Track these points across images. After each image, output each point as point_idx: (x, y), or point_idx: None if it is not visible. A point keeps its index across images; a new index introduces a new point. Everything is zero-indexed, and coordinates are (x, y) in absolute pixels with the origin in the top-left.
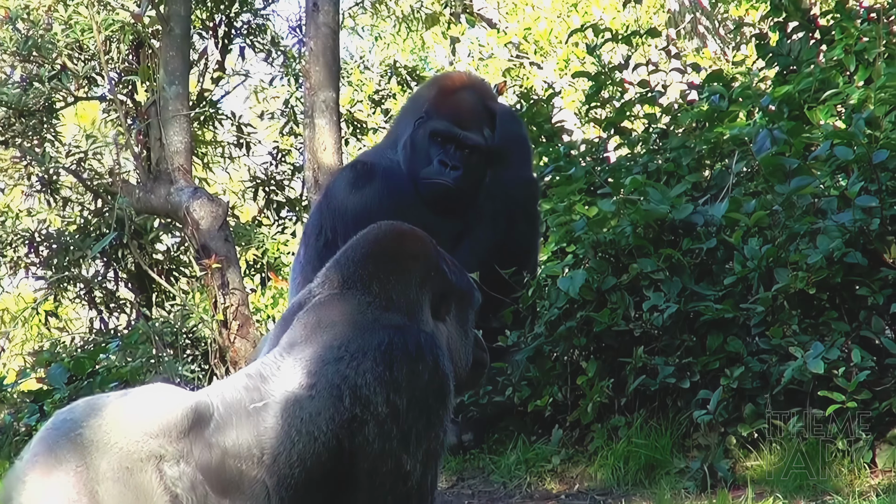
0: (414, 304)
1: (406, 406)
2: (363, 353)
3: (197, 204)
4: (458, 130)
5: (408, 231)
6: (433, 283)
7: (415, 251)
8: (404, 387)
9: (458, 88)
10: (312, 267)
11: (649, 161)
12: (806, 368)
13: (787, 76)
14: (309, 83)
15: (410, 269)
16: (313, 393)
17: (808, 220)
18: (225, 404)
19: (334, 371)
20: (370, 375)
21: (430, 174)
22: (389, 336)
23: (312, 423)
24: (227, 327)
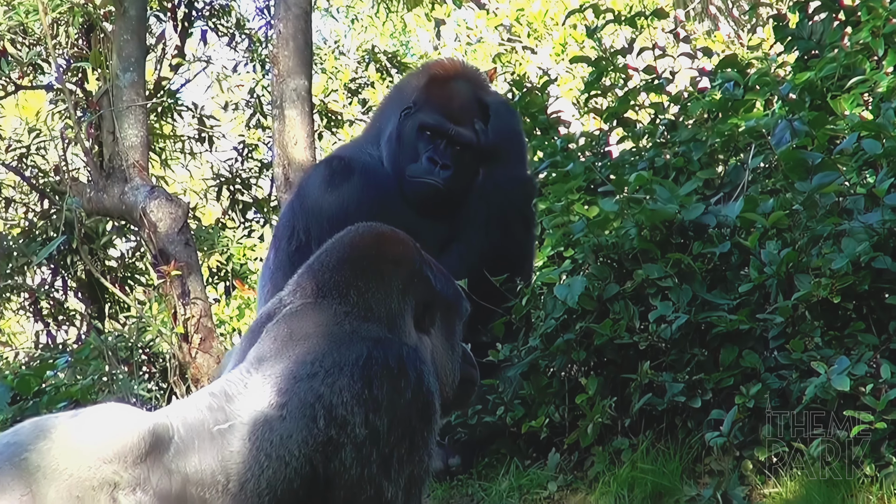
0: (395, 314)
1: (387, 427)
2: (339, 368)
3: (154, 204)
4: (450, 125)
5: (388, 234)
6: (416, 291)
7: (396, 256)
8: (385, 406)
9: (451, 78)
10: (283, 273)
11: (656, 156)
12: (830, 385)
13: (809, 61)
14: (278, 70)
15: (391, 275)
16: (284, 413)
17: (832, 221)
18: (186, 426)
19: (307, 388)
20: (347, 393)
21: (418, 172)
22: (368, 349)
23: (283, 447)
24: (188, 341)
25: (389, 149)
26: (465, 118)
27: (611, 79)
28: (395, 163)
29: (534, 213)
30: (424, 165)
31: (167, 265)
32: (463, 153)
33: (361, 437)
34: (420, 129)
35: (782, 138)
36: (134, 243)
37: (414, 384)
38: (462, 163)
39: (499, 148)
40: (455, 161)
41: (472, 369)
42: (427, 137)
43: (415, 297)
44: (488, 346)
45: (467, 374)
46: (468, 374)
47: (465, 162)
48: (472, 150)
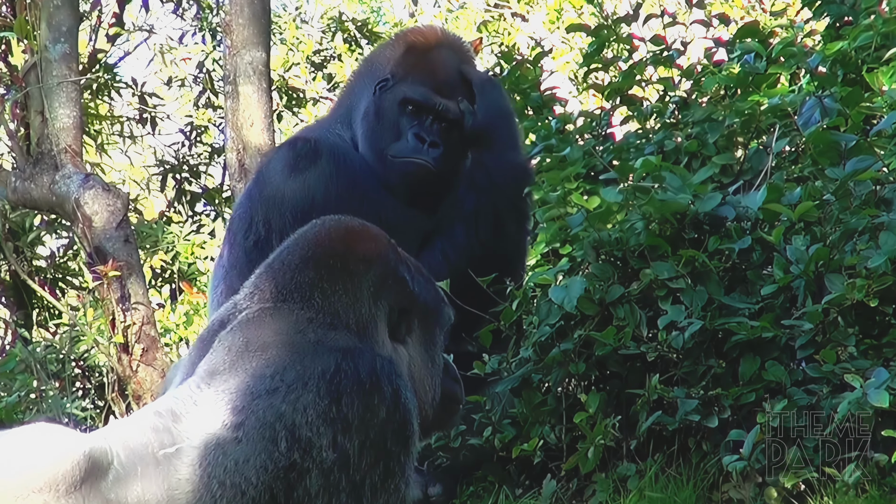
0: (366, 320)
1: (358, 450)
2: (303, 383)
3: (89, 195)
4: (437, 98)
5: (359, 228)
6: (390, 294)
7: (367, 253)
8: (355, 426)
9: (433, 46)
10: (239, 272)
11: (665, 138)
12: (866, 401)
13: (841, 29)
14: (231, 41)
15: (361, 276)
16: (240, 435)
17: (868, 213)
18: (127, 450)
19: (266, 406)
20: (312, 412)
21: (404, 152)
22: (336, 361)
23: (239, 474)
24: (129, 352)
25: (366, 127)
26: (452, 91)
27: (613, 50)
28: (373, 143)
29: (528, 205)
30: (411, 143)
31: (104, 265)
32: (451, 130)
33: (329, 462)
34: (402, 104)
35: (811, 118)
36: (66, 240)
37: (389, 401)
38: (451, 142)
39: (489, 130)
40: (444, 139)
41: (456, 385)
42: (410, 113)
43: (388, 302)
44: (474, 357)
45: (450, 391)
46: (451, 391)
47: (453, 141)
48: (460, 127)
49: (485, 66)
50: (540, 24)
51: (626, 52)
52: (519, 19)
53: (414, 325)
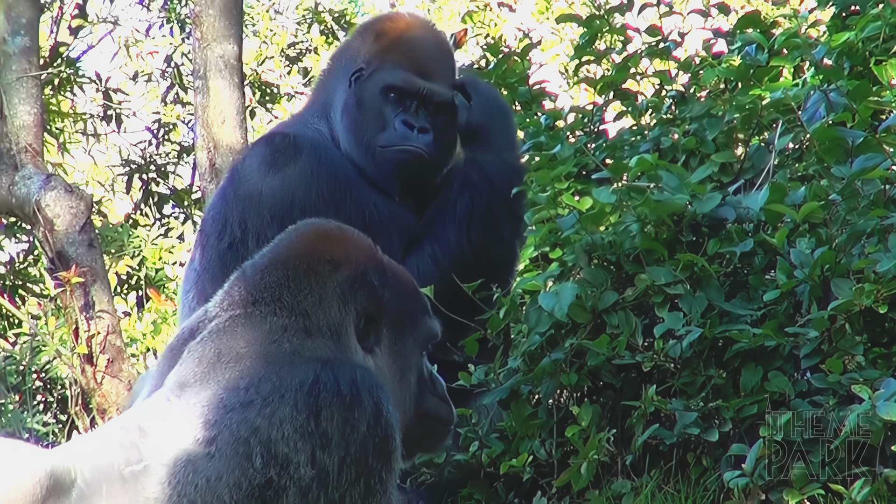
0: (338, 325)
1: (337, 467)
2: (279, 395)
3: (51, 197)
4: (420, 82)
5: (331, 230)
6: (359, 299)
7: (335, 255)
8: (335, 441)
9: (405, 29)
10: (212, 276)
11: (662, 135)
12: (875, 414)
13: (848, 19)
14: (200, 33)
15: (327, 277)
16: (212, 450)
17: (876, 214)
18: (91, 468)
19: (240, 420)
20: (289, 426)
21: (393, 140)
22: (315, 372)
23: (211, 492)
24: (93, 363)
25: (348, 121)
26: (434, 73)
27: (606, 42)
28: (358, 137)
29: (523, 208)
30: (399, 131)
31: (66, 271)
32: (438, 114)
33: (307, 479)
34: (384, 92)
35: (815, 113)
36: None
37: (370, 415)
38: (440, 126)
39: (484, 127)
40: (433, 123)
41: (442, 404)
42: (394, 100)
43: (356, 307)
44: (459, 367)
45: (431, 410)
46: (432, 410)
47: (442, 126)
48: (448, 110)
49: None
50: (528, 14)
51: (619, 44)
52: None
53: (382, 335)
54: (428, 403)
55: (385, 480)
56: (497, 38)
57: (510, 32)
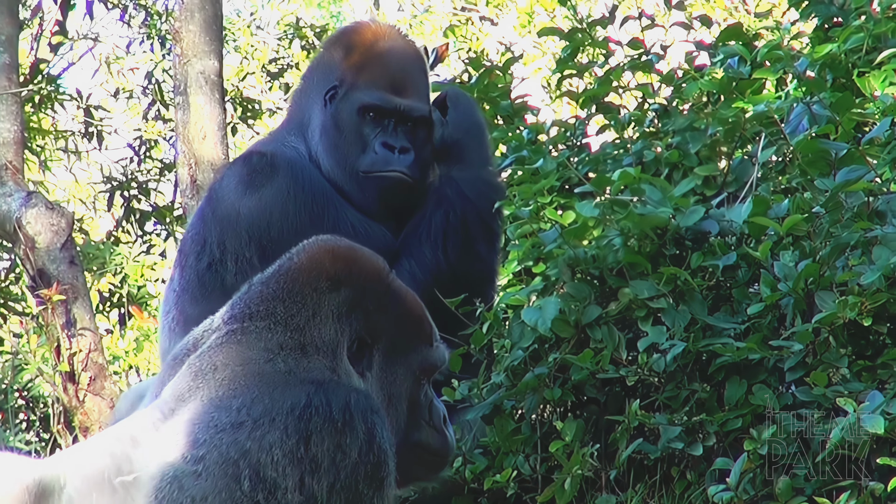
0: (334, 346)
1: (326, 493)
2: (270, 419)
3: (32, 214)
4: (396, 100)
5: (341, 248)
6: (355, 321)
7: (338, 273)
8: (324, 467)
9: (375, 42)
10: (191, 297)
11: (644, 148)
12: (860, 427)
13: (830, 31)
14: (181, 49)
15: (325, 294)
16: (199, 469)
17: (860, 227)
18: (81, 476)
19: (231, 442)
20: (278, 451)
21: (376, 166)
22: (307, 396)
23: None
24: (75, 381)
25: (327, 143)
26: (409, 87)
27: (588, 55)
28: (339, 160)
29: (500, 224)
30: (381, 154)
31: (48, 289)
32: (417, 130)
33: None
34: (361, 113)
35: (798, 125)
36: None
37: (363, 440)
38: (420, 142)
39: (460, 144)
40: (412, 141)
41: (436, 434)
42: (371, 119)
43: (351, 329)
44: (442, 383)
45: (423, 440)
46: (424, 440)
47: (422, 141)
48: (426, 124)
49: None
50: (510, 27)
51: (601, 57)
52: (488, 23)
53: (373, 360)
54: (419, 433)
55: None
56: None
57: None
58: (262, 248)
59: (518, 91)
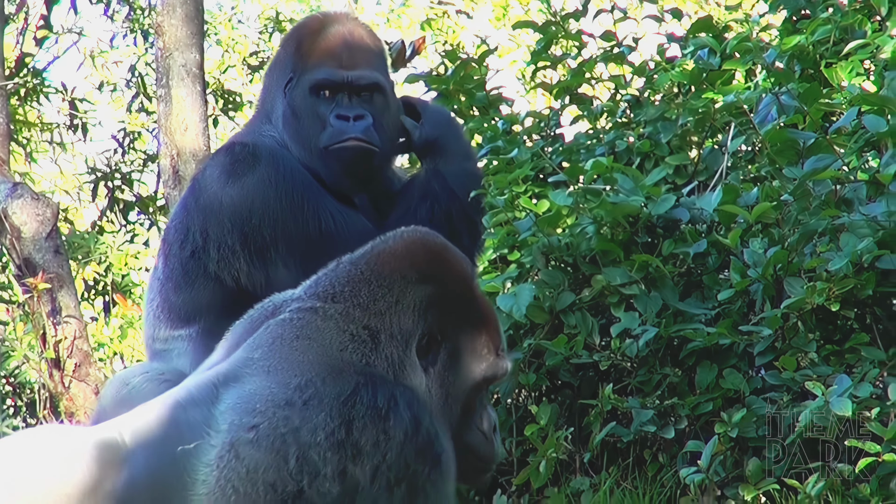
0: (407, 337)
1: (370, 476)
2: (319, 401)
3: (17, 205)
4: (343, 73)
5: (434, 243)
6: (431, 317)
7: (427, 268)
8: (367, 452)
9: (322, 28)
10: (175, 285)
11: (617, 138)
12: (828, 410)
13: (799, 23)
14: (163, 42)
15: (412, 287)
16: (253, 437)
17: (828, 214)
18: (143, 446)
19: (282, 417)
20: (322, 434)
21: (334, 138)
22: (356, 385)
23: (251, 483)
24: (60, 368)
25: (291, 130)
26: (358, 58)
27: (562, 47)
28: (304, 143)
29: (482, 215)
30: (337, 126)
31: (34, 277)
32: (372, 98)
33: (336, 493)
34: (313, 92)
35: (767, 115)
36: None
37: (408, 425)
38: (377, 109)
39: (440, 140)
40: (367, 108)
41: (485, 441)
42: (325, 97)
43: (425, 324)
44: None
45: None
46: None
47: (379, 108)
48: (381, 92)
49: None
50: (485, 21)
51: (575, 49)
52: (464, 16)
53: (439, 358)
54: (469, 436)
55: (435, 482)
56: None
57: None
58: (244, 236)
59: (493, 83)
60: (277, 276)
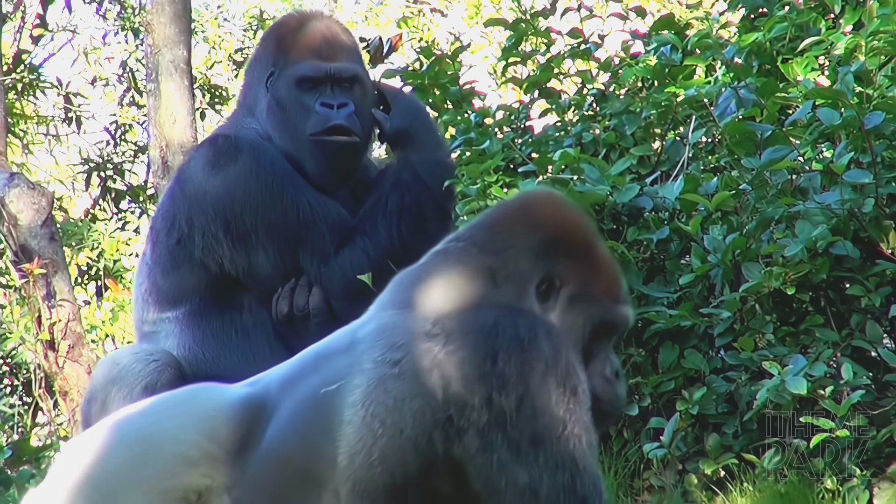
0: (524, 281)
1: (515, 405)
2: (462, 334)
3: (14, 194)
4: (325, 65)
5: (556, 199)
6: (548, 262)
7: (545, 218)
8: (512, 382)
9: (300, 26)
10: (163, 270)
11: (584, 130)
12: (784, 388)
13: (756, 20)
14: (153, 39)
15: (529, 233)
16: (398, 372)
17: (784, 202)
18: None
19: (424, 350)
20: (468, 366)
21: (319, 125)
22: (496, 317)
23: (398, 412)
24: (55, 349)
25: (274, 122)
26: (338, 52)
27: (532, 44)
28: (290, 133)
29: (452, 204)
30: (321, 114)
31: (30, 263)
32: (352, 88)
33: (484, 422)
34: (298, 85)
35: (727, 108)
36: None
37: (549, 355)
38: (357, 97)
39: (410, 130)
40: (349, 97)
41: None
42: (309, 89)
43: (542, 269)
44: None
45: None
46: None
47: (359, 96)
48: (360, 83)
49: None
50: (459, 19)
51: (544, 46)
52: (438, 15)
53: (558, 302)
54: (590, 380)
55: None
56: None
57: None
58: (226, 224)
59: (466, 77)
60: (258, 261)
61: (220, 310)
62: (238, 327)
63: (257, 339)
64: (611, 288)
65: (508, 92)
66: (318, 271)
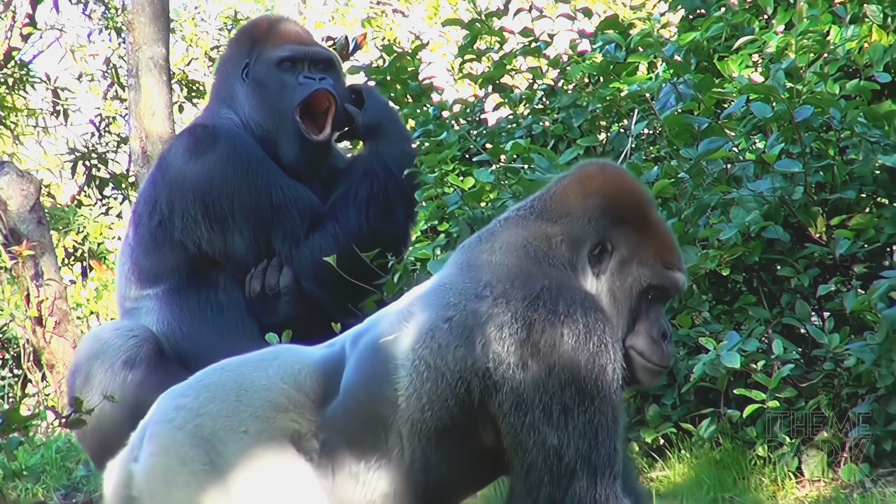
0: (578, 245)
1: (546, 373)
2: (506, 301)
3: (4, 181)
4: (304, 48)
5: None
6: (599, 227)
7: (598, 187)
8: (544, 352)
9: (274, 23)
10: (144, 250)
11: (534, 123)
12: (719, 363)
13: (695, 21)
14: (133, 38)
15: (583, 199)
16: (447, 326)
17: (720, 190)
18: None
19: (473, 310)
20: (507, 331)
21: (301, 94)
22: (539, 288)
23: (441, 357)
24: (42, 325)
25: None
26: (313, 42)
27: (486, 42)
28: (270, 109)
29: (417, 194)
30: (305, 84)
31: (19, 245)
32: (329, 69)
33: (518, 380)
34: (278, 66)
35: (667, 103)
36: None
37: (581, 333)
38: (334, 78)
39: (381, 124)
40: (328, 75)
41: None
42: (288, 69)
43: (595, 233)
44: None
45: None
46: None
47: (334, 77)
48: (334, 67)
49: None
50: (419, 19)
51: (497, 44)
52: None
53: (610, 265)
54: (637, 340)
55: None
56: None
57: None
58: (205, 207)
59: (425, 73)
60: (234, 243)
61: (197, 288)
62: (213, 304)
63: (231, 315)
64: (661, 253)
65: (465, 87)
66: (289, 253)
